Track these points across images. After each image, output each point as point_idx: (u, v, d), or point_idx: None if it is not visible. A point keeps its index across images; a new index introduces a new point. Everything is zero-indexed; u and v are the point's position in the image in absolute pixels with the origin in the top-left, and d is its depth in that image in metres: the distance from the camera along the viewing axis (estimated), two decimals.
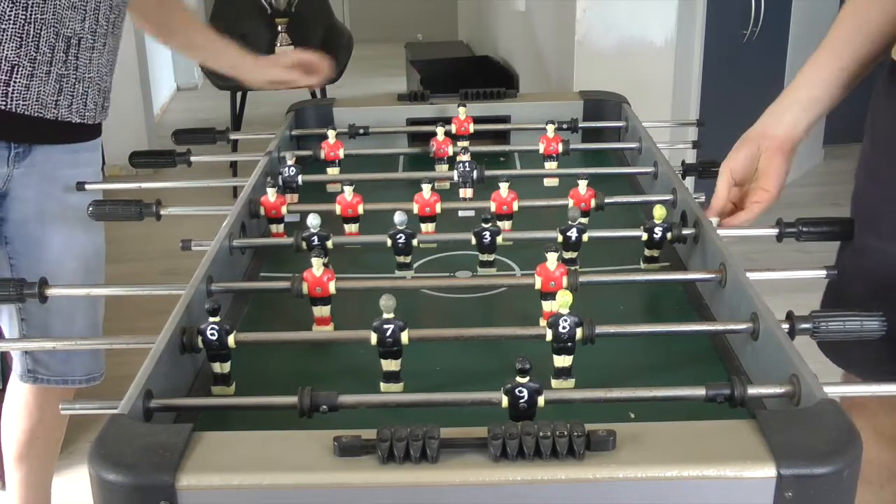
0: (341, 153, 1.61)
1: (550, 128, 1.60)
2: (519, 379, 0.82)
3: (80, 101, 1.53)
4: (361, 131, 1.74)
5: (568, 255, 1.20)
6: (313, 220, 1.19)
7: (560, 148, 1.59)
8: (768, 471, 0.70)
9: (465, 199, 1.42)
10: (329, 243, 1.21)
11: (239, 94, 4.21)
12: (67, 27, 1.43)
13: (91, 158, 1.65)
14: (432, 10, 7.73)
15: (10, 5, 1.39)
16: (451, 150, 1.61)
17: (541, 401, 0.83)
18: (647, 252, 1.24)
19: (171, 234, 1.37)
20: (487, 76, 4.28)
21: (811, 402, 0.80)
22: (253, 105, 4.30)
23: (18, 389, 1.71)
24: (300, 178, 1.46)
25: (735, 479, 0.71)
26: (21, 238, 1.60)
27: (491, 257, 1.22)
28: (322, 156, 1.61)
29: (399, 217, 1.19)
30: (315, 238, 1.20)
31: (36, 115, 1.47)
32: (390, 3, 8.12)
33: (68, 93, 1.50)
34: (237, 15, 4.27)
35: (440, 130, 1.62)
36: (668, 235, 1.21)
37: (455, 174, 1.43)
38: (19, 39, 1.41)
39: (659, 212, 1.20)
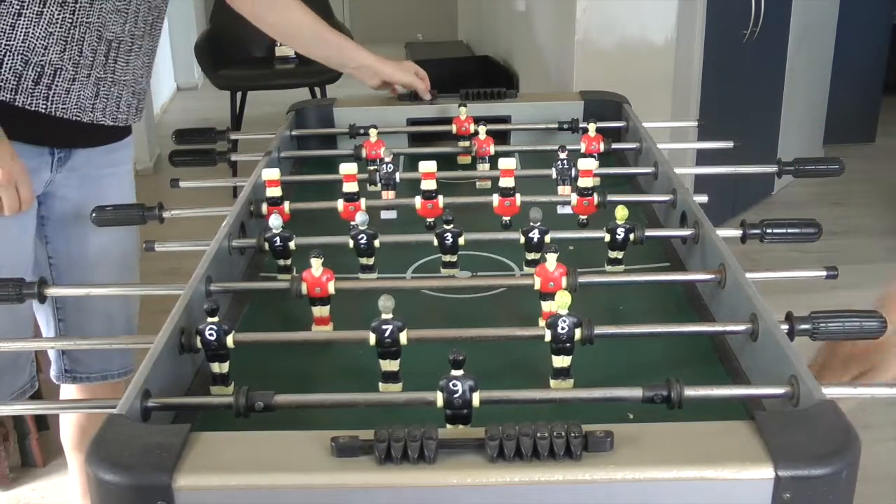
0: (382, 152, 1.60)
1: (592, 127, 1.59)
2: (454, 372, 0.81)
3: (113, 104, 1.53)
4: (362, 131, 1.74)
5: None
6: (275, 221, 1.19)
7: (602, 147, 1.58)
8: (766, 472, 0.70)
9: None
10: (292, 244, 1.20)
11: (239, 95, 4.21)
12: (110, 31, 1.43)
13: (126, 156, 1.68)
14: (432, 10, 7.73)
15: (59, 9, 1.38)
16: (492, 150, 1.61)
17: (475, 398, 0.82)
18: (610, 254, 1.22)
19: (170, 234, 1.37)
20: (487, 76, 4.28)
21: (810, 403, 0.80)
22: (253, 105, 4.30)
23: (68, 388, 1.79)
24: (398, 176, 1.44)
25: (733, 480, 0.71)
26: (62, 237, 1.63)
27: (454, 258, 1.22)
28: (364, 155, 1.61)
29: (361, 217, 1.18)
30: (277, 239, 1.20)
31: (74, 118, 1.48)
32: (390, 3, 8.13)
33: (104, 96, 1.51)
34: (237, 15, 4.26)
35: (482, 130, 1.62)
36: (631, 237, 1.19)
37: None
38: (64, 43, 1.41)
39: (621, 213, 1.18)
